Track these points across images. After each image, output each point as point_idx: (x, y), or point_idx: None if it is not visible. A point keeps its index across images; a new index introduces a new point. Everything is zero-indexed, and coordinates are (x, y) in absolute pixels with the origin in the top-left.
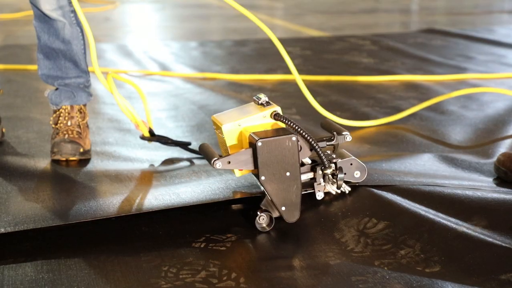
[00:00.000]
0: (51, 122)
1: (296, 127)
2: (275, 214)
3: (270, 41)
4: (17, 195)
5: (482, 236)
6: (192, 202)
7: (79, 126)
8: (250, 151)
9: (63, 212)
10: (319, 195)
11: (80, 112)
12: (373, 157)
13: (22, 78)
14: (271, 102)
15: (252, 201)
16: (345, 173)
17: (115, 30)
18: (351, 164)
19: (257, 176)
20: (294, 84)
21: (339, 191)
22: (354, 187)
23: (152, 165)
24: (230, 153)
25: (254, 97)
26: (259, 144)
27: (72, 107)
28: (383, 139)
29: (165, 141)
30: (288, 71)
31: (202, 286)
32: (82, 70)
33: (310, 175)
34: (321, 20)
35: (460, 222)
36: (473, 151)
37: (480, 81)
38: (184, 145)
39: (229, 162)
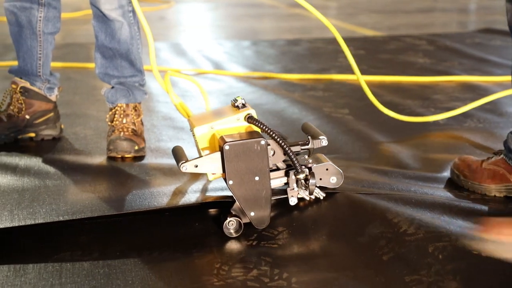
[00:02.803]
0: (107, 120)
1: (269, 131)
2: (245, 220)
3: (323, 41)
4: (74, 187)
5: None
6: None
7: (134, 123)
8: (218, 154)
9: (118, 203)
10: (292, 201)
11: (135, 110)
12: None
13: (80, 76)
14: (246, 105)
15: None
16: (320, 179)
17: (170, 29)
18: (327, 169)
19: (226, 180)
20: (347, 84)
21: (312, 197)
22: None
23: None
24: (202, 156)
25: (231, 100)
26: (226, 147)
27: (127, 105)
28: (439, 141)
29: None
30: (341, 71)
31: (253, 285)
32: (137, 69)
33: (284, 180)
34: (376, 19)
35: None
36: None
37: None
38: None
39: (197, 166)
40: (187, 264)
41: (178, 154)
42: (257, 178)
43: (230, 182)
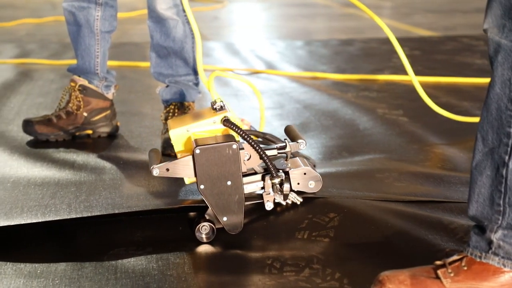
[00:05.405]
0: (161, 118)
1: (243, 134)
2: (219, 225)
3: (377, 41)
4: (129, 182)
5: None
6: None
7: None
8: (189, 158)
9: (171, 198)
10: (268, 206)
11: (189, 109)
12: None
13: (135, 75)
14: (224, 107)
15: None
16: (298, 183)
17: (223, 29)
18: (305, 173)
19: (197, 184)
20: (401, 85)
21: (289, 202)
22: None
23: None
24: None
25: (211, 101)
26: (197, 151)
27: (181, 103)
28: None
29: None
30: (395, 71)
31: (305, 285)
32: (191, 68)
33: (261, 184)
34: (431, 19)
35: None
36: None
37: None
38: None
39: (168, 170)
40: (238, 259)
41: (151, 157)
42: (229, 183)
43: (202, 187)
